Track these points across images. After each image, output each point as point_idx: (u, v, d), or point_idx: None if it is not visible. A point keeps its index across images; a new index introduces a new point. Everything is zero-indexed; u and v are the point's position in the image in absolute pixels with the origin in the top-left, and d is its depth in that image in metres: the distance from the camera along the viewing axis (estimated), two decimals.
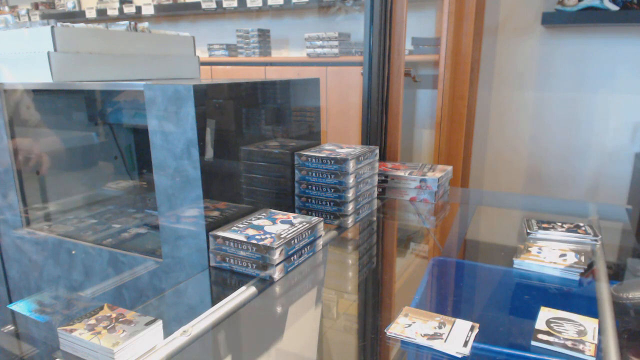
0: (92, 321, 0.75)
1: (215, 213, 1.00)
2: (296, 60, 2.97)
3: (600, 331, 0.73)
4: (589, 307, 0.84)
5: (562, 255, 0.98)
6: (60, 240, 1.28)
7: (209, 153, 0.97)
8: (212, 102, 0.97)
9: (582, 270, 0.93)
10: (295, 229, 0.98)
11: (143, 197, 1.59)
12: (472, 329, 0.72)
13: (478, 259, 1.17)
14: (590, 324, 0.73)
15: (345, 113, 2.62)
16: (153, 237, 1.27)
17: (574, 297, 0.90)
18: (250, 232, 0.96)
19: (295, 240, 0.96)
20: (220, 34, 3.37)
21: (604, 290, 0.87)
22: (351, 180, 1.17)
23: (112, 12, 3.53)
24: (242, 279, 0.92)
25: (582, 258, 0.97)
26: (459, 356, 0.67)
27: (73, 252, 1.26)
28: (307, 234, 1.00)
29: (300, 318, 0.86)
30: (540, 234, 1.10)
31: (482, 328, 0.73)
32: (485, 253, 1.21)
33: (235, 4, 3.05)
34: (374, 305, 0.90)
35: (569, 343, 0.68)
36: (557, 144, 2.43)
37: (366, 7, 1.63)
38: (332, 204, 1.19)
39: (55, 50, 1.20)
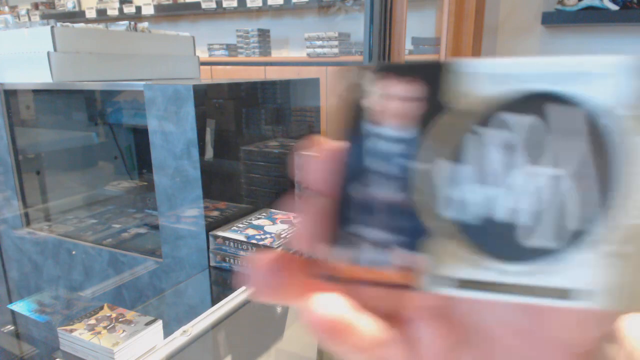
0: (92, 321, 0.75)
1: (215, 213, 1.00)
2: (296, 60, 2.97)
3: None
4: None
5: None
6: (60, 240, 1.28)
7: (209, 153, 0.97)
8: (212, 102, 0.97)
9: None
10: None
11: (143, 197, 1.59)
12: None
13: None
14: None
15: None
16: (153, 237, 1.27)
17: None
18: (250, 232, 0.96)
19: None
20: (220, 34, 3.38)
21: None
22: None
23: (112, 12, 3.53)
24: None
25: None
26: None
27: (73, 252, 1.26)
28: None
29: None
30: None
31: None
32: None
33: (235, 3, 3.05)
34: None
35: None
36: None
37: (366, 7, 1.63)
38: None
39: (55, 50, 1.20)
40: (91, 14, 3.68)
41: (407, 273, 0.17)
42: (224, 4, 3.10)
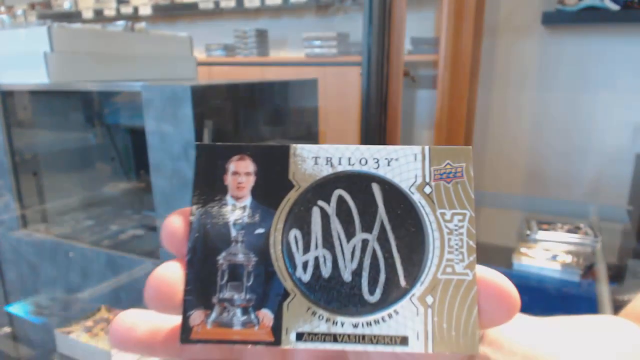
0: (89, 323, 0.75)
1: None
2: (294, 61, 2.96)
3: None
4: (589, 309, 0.83)
5: (561, 257, 0.98)
6: (57, 242, 1.27)
7: None
8: (210, 103, 0.97)
9: (582, 272, 0.92)
10: None
11: (140, 199, 1.58)
12: None
13: (477, 259, 1.16)
14: None
15: (343, 113, 2.62)
16: (150, 239, 1.26)
17: (574, 299, 0.90)
18: None
19: None
20: (218, 34, 3.37)
21: (603, 292, 0.86)
22: None
23: (109, 12, 3.52)
24: None
25: (582, 259, 0.96)
26: None
27: (70, 253, 1.26)
28: None
29: None
30: (540, 235, 1.10)
31: None
32: (484, 254, 1.20)
33: (232, 4, 3.04)
34: None
35: None
36: (557, 144, 2.43)
37: (365, 6, 1.62)
38: None
39: (51, 50, 1.19)
40: (88, 14, 3.67)
41: (270, 331, 0.19)
42: (222, 4, 3.09)
